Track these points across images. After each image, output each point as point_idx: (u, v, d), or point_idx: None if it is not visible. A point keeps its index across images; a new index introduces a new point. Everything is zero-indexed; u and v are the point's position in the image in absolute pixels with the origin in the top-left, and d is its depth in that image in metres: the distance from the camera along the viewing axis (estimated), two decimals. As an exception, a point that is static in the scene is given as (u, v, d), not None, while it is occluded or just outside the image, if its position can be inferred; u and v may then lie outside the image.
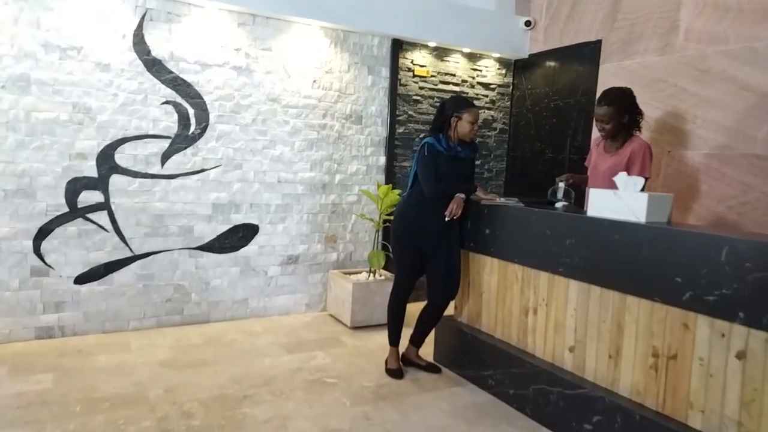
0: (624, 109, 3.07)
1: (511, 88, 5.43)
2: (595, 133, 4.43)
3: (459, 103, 3.33)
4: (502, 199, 3.36)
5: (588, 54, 4.60)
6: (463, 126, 3.28)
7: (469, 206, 3.35)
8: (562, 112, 4.89)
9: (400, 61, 4.81)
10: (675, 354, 2.33)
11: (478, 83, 5.24)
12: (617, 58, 4.34)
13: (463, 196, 3.29)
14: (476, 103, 5.19)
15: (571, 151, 4.77)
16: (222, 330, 4.12)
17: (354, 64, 4.64)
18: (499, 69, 5.34)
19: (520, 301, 3.14)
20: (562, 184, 3.29)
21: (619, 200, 2.55)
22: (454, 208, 3.24)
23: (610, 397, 2.55)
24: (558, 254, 2.80)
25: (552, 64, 5.02)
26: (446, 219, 3.24)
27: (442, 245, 3.34)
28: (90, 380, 3.14)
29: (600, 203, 2.66)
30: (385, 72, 4.77)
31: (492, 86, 5.32)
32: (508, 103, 5.44)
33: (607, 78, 4.39)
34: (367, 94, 4.72)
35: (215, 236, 4.25)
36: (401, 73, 4.83)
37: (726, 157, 3.61)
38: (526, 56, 5.21)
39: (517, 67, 5.39)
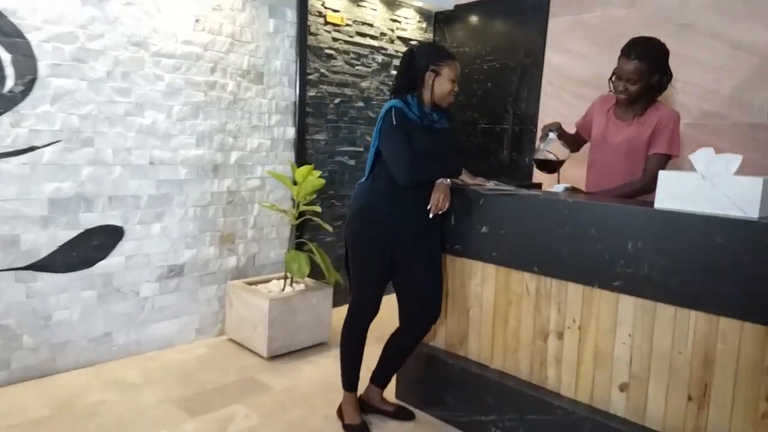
0: (656, 66, 2.39)
1: (432, 45, 4.57)
2: (549, 102, 3.79)
3: (435, 53, 2.38)
4: (492, 183, 2.50)
5: (532, 5, 3.89)
6: (441, 84, 2.35)
7: (453, 196, 2.45)
8: (500, 76, 4.15)
9: (309, 3, 3.68)
10: (805, 399, 1.70)
11: (398, 38, 4.30)
12: (573, 10, 3.68)
13: (448, 182, 2.40)
14: (394, 62, 4.27)
15: (515, 122, 4.07)
16: (77, 385, 2.77)
17: (251, 0, 3.42)
18: (419, 22, 4.44)
19: (534, 322, 2.34)
20: (553, 134, 2.54)
21: (713, 188, 1.84)
22: (440, 200, 2.33)
23: (695, 456, 1.87)
24: (613, 262, 2.03)
25: (484, 17, 4.24)
26: (430, 215, 2.32)
27: (419, 249, 2.41)
28: None
29: (677, 190, 1.93)
30: (291, 15, 3.61)
31: (412, 42, 4.42)
32: (429, 63, 4.58)
33: (560, 35, 3.74)
34: (269, 43, 3.53)
35: (56, 248, 2.83)
36: (311, 18, 3.71)
37: (715, 126, 3.14)
38: (451, 7, 4.38)
39: (439, 20, 4.54)
